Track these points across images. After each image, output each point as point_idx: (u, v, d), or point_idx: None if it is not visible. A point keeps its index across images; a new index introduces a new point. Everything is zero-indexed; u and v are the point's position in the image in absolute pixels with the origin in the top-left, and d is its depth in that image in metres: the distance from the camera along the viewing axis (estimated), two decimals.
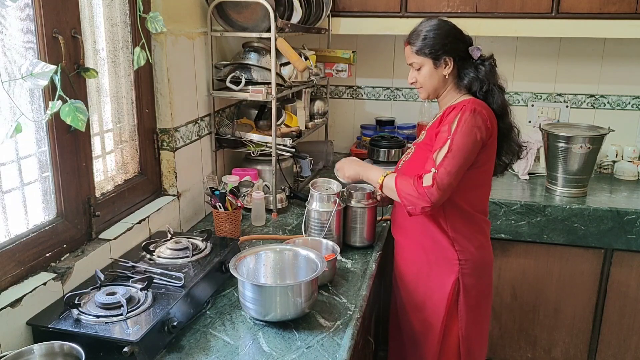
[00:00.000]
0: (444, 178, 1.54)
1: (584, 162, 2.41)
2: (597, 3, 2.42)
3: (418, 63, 1.70)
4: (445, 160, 1.55)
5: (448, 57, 1.66)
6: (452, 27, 1.69)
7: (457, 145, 1.56)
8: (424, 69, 1.70)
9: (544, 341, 2.57)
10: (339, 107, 3.19)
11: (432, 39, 1.66)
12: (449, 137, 1.57)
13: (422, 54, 1.68)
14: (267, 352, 1.29)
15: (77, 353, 1.14)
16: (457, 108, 1.61)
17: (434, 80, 1.70)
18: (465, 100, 1.65)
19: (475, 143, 1.58)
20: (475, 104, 1.61)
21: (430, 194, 1.54)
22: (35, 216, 1.40)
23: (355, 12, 2.69)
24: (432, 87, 1.71)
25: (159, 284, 1.44)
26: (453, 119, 1.59)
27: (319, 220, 1.83)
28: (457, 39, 1.68)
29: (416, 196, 1.56)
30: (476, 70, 1.67)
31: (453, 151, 1.56)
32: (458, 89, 1.71)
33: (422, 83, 1.72)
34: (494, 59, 1.71)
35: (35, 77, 1.11)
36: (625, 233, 2.31)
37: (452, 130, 1.57)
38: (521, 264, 2.48)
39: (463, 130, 1.57)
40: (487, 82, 1.66)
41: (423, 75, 1.71)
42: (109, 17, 1.62)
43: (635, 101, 2.83)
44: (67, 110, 1.23)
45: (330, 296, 1.57)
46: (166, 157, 1.93)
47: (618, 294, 2.42)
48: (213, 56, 2.16)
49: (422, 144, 1.73)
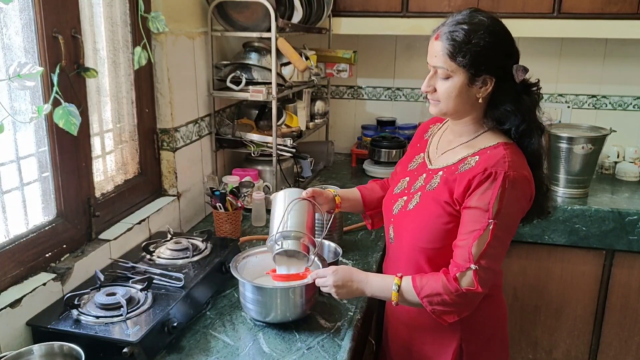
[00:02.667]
0: (489, 274, 1.23)
1: (585, 163, 2.41)
2: (599, 3, 2.41)
3: (447, 71, 1.25)
4: (488, 250, 1.21)
5: (490, 76, 1.24)
6: (506, 33, 1.28)
7: (502, 232, 1.23)
8: (452, 80, 1.25)
9: (545, 342, 2.56)
10: (340, 107, 3.19)
11: (478, 45, 1.21)
12: (491, 221, 1.21)
13: (458, 62, 1.23)
14: (268, 353, 1.29)
15: (77, 354, 1.14)
16: (493, 176, 1.22)
17: (461, 99, 1.26)
18: (497, 153, 1.26)
19: (519, 219, 1.29)
20: (513, 164, 1.23)
21: (474, 297, 1.23)
22: (35, 216, 1.39)
23: (356, 11, 2.69)
24: (455, 107, 1.28)
25: (159, 284, 1.43)
26: (493, 197, 1.21)
27: (319, 221, 1.82)
28: (509, 52, 1.28)
29: (453, 304, 1.23)
30: (517, 99, 1.26)
31: (498, 238, 1.22)
32: (484, 119, 1.31)
33: (443, 98, 1.28)
34: (539, 87, 1.31)
35: (22, 78, 1.11)
36: (627, 234, 2.30)
37: (494, 211, 1.21)
38: (522, 265, 2.47)
39: (508, 209, 1.22)
40: (528, 119, 1.27)
41: (448, 88, 1.26)
42: (109, 16, 1.61)
43: (637, 102, 2.82)
44: (60, 113, 1.22)
45: (330, 297, 1.56)
46: (166, 157, 1.93)
47: (619, 295, 2.42)
48: (213, 56, 2.16)
49: (434, 197, 1.32)
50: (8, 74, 1.10)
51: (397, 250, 1.44)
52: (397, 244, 1.43)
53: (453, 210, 1.28)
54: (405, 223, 1.39)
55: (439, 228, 1.30)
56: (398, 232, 1.42)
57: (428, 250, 1.33)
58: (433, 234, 1.32)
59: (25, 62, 1.11)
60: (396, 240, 1.43)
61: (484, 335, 1.41)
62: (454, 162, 1.32)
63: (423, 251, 1.34)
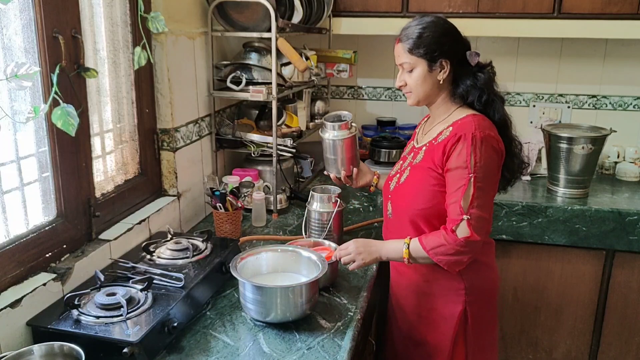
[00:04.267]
0: (480, 222, 1.42)
1: (585, 163, 2.41)
2: (599, 3, 2.41)
3: (410, 64, 1.51)
4: (474, 201, 1.41)
5: (445, 59, 1.49)
6: (451, 26, 1.54)
7: (482, 182, 1.42)
8: (416, 71, 1.51)
9: (545, 342, 2.56)
10: (340, 107, 3.18)
11: (428, 38, 1.48)
12: (471, 175, 1.41)
13: (416, 54, 1.50)
14: (268, 353, 1.29)
15: (77, 354, 1.14)
16: (463, 137, 1.44)
17: (427, 85, 1.52)
18: (466, 121, 1.49)
19: (496, 172, 1.49)
20: (479, 126, 1.45)
21: (472, 244, 1.41)
22: (35, 216, 1.39)
23: (356, 12, 2.68)
24: (424, 92, 1.54)
25: (159, 284, 1.44)
26: (467, 154, 1.42)
27: (319, 221, 1.82)
28: (456, 40, 1.53)
29: (455, 253, 1.42)
30: (474, 78, 1.52)
31: (480, 189, 1.42)
32: (452, 98, 1.55)
33: (413, 87, 1.54)
34: (492, 66, 1.56)
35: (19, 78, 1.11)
36: (627, 234, 2.30)
37: (471, 166, 1.42)
38: (522, 265, 2.47)
39: (483, 162, 1.42)
40: (487, 91, 1.51)
41: (415, 78, 1.52)
42: (109, 16, 1.62)
43: (637, 102, 2.82)
44: (58, 114, 1.22)
45: (330, 297, 1.56)
46: (166, 158, 1.93)
47: (619, 295, 2.42)
48: (213, 56, 2.16)
49: (420, 167, 1.55)
50: (6, 74, 1.10)
51: (396, 221, 1.64)
52: (396, 216, 1.63)
53: (436, 174, 1.50)
54: (400, 194, 1.61)
55: (428, 190, 1.52)
56: (395, 204, 1.64)
57: (422, 211, 1.54)
58: (424, 196, 1.53)
59: (23, 62, 1.10)
60: (394, 212, 1.64)
61: (484, 296, 1.61)
62: (434, 137, 1.56)
63: (418, 213, 1.55)
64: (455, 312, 1.57)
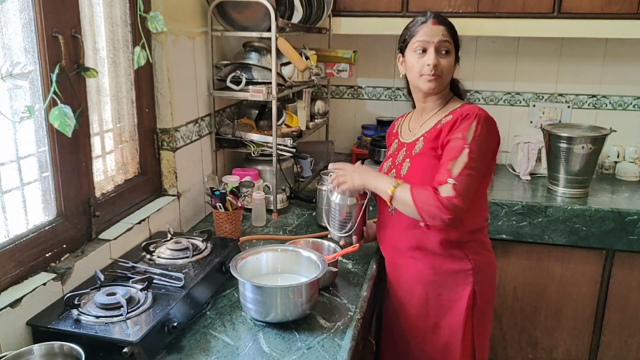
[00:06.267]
0: (465, 188, 1.45)
1: (585, 163, 2.41)
2: (599, 3, 2.42)
3: (451, 45, 1.54)
4: (464, 169, 1.45)
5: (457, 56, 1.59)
6: None
7: (476, 155, 1.47)
8: (450, 56, 1.54)
9: (545, 342, 2.56)
10: (340, 107, 3.19)
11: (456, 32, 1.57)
12: (466, 146, 1.46)
13: (454, 41, 1.55)
14: (268, 352, 1.29)
15: (77, 353, 1.14)
16: (468, 115, 1.50)
17: (451, 74, 1.58)
18: (467, 106, 1.56)
19: (490, 155, 1.54)
20: (485, 112, 1.53)
21: (453, 204, 1.42)
22: (35, 216, 1.39)
23: (356, 11, 2.69)
24: (447, 81, 1.58)
25: (159, 284, 1.44)
26: (468, 127, 1.48)
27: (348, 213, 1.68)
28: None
29: (437, 207, 1.43)
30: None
31: (472, 160, 1.46)
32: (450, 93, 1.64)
33: (445, 71, 1.54)
34: None
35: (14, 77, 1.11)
36: (627, 234, 2.30)
37: (469, 139, 1.47)
38: (522, 265, 2.47)
39: (480, 139, 1.48)
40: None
41: (449, 62, 1.54)
42: (109, 16, 1.61)
43: (637, 102, 2.82)
44: (56, 114, 1.22)
45: (330, 297, 1.56)
46: (166, 157, 1.93)
47: (619, 295, 2.42)
48: (213, 56, 2.16)
49: (422, 153, 1.58)
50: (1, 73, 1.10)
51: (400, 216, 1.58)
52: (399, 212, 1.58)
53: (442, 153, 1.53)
54: None
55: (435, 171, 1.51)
56: None
57: None
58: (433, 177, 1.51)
59: (18, 61, 1.10)
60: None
61: (490, 276, 1.68)
62: (432, 127, 1.58)
63: None
64: (464, 293, 1.60)
